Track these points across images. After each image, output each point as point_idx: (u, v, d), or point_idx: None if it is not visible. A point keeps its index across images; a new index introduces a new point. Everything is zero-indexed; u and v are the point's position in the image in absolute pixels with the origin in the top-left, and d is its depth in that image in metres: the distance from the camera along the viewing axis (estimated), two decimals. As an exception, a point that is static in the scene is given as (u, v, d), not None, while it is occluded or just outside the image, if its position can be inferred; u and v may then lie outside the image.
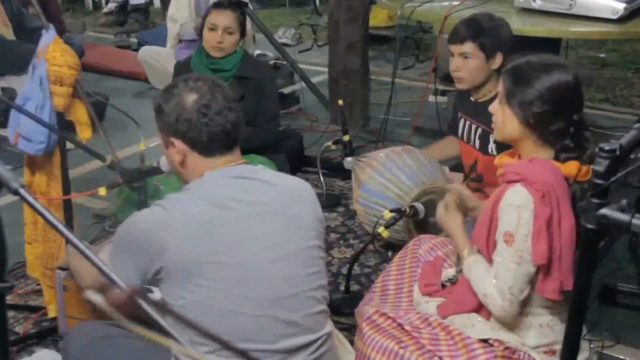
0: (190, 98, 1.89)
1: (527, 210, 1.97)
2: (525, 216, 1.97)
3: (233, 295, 1.79)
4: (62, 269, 2.35)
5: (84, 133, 2.51)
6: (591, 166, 2.01)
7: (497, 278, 2.02)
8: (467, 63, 2.87)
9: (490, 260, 2.07)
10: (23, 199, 1.02)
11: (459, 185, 2.47)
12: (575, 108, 2.07)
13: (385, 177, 3.07)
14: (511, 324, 2.07)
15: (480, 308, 2.12)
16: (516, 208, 1.98)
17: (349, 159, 3.36)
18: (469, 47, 2.85)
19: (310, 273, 1.92)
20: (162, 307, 1.67)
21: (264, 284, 1.83)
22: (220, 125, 1.88)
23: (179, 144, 1.90)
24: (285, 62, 4.84)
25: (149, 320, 1.07)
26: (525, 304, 2.05)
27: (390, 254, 3.11)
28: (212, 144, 1.89)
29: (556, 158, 2.07)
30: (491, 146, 2.86)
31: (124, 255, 1.85)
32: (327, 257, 2.07)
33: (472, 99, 2.98)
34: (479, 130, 2.93)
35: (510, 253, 1.99)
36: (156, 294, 2.02)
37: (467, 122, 3.01)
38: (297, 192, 1.97)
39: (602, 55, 6.14)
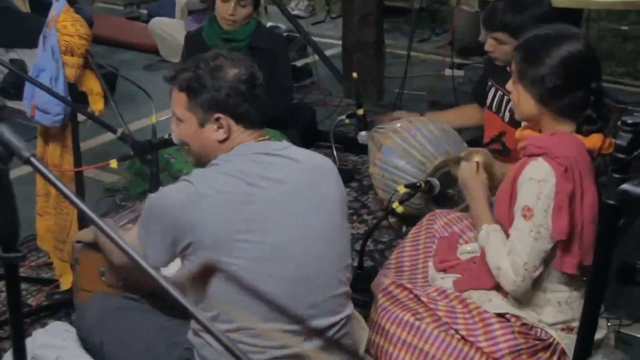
0: (234, 71, 1.85)
1: (548, 185, 1.94)
2: (546, 191, 1.94)
3: (259, 274, 1.77)
4: (80, 242, 2.32)
5: (97, 104, 2.49)
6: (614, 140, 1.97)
7: (512, 252, 1.99)
8: (500, 47, 2.81)
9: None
10: (34, 167, 1.00)
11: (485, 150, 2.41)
12: (592, 76, 2.04)
13: (409, 143, 3.03)
14: (528, 301, 2.05)
15: (498, 286, 2.10)
16: (537, 182, 1.95)
17: (363, 133, 3.32)
18: (500, 35, 2.79)
19: (335, 253, 1.89)
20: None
21: (289, 263, 1.80)
22: (263, 97, 1.88)
23: (226, 119, 1.85)
24: (297, 35, 4.79)
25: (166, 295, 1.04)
26: (543, 280, 2.03)
27: (404, 229, 3.08)
28: (258, 116, 1.87)
29: (578, 131, 2.04)
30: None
31: (153, 231, 1.82)
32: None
33: (508, 68, 2.91)
34: (512, 102, 2.86)
35: (527, 228, 1.96)
36: (170, 268, 2.00)
37: (499, 92, 2.94)
38: (324, 169, 1.93)
39: (625, 27, 6.03)
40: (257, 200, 1.79)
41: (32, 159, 1.00)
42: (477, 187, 2.22)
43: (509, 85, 2.15)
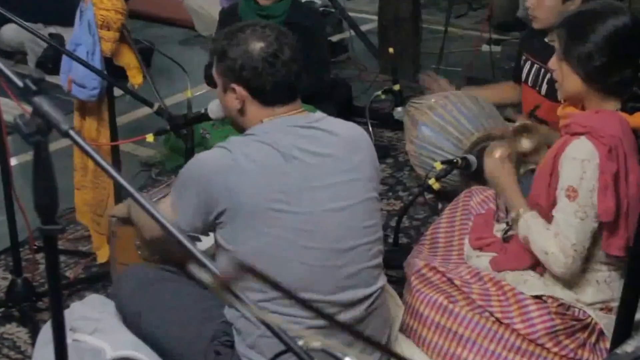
0: (258, 45, 1.84)
1: (591, 165, 1.91)
2: (590, 170, 1.91)
3: (294, 244, 1.79)
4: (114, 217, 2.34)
5: (135, 78, 2.50)
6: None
7: (559, 235, 1.96)
8: (542, 2, 2.74)
9: (550, 214, 2.00)
10: (73, 140, 1.00)
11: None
12: (637, 52, 2.00)
13: (445, 119, 2.99)
14: (566, 280, 2.02)
15: (536, 265, 2.08)
16: (580, 162, 1.92)
17: (399, 109, 3.28)
18: None
19: (368, 225, 1.90)
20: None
21: (325, 235, 1.82)
22: (285, 77, 1.85)
23: (240, 90, 1.86)
24: (333, 10, 4.75)
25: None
26: (585, 260, 1.99)
27: (440, 206, 3.06)
28: (275, 94, 1.86)
29: (623, 109, 2.00)
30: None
31: (187, 197, 1.83)
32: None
33: (546, 39, 2.84)
34: (549, 75, 2.79)
35: (573, 208, 1.93)
36: (204, 242, 2.01)
37: (535, 65, 2.88)
38: (357, 140, 1.94)
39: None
40: (291, 171, 1.80)
41: (71, 132, 1.01)
42: (504, 176, 2.18)
43: (552, 63, 2.10)
